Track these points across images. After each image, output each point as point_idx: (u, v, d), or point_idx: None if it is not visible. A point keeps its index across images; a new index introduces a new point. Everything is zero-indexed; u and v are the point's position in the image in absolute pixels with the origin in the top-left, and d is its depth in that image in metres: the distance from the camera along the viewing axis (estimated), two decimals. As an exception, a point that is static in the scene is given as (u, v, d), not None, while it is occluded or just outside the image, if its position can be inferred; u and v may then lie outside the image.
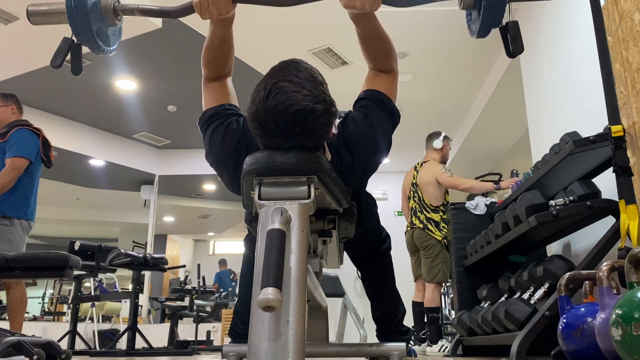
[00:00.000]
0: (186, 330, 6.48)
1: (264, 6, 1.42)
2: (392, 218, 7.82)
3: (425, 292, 4.29)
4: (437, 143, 4.38)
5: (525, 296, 2.70)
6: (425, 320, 4.29)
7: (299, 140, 1.22)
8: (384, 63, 1.53)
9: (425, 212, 4.24)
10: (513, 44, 1.34)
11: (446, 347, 4.07)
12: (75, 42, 1.38)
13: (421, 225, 4.24)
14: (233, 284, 9.18)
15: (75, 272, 4.19)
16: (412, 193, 4.41)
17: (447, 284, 8.06)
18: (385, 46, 1.51)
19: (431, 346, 4.26)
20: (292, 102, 1.18)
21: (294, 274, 1.09)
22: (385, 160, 8.19)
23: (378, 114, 1.43)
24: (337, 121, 1.45)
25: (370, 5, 1.35)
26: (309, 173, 1.22)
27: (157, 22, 4.13)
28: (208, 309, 6.18)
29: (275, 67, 1.28)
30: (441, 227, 4.22)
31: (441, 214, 4.26)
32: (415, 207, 4.34)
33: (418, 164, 4.52)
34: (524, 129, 5.21)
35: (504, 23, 1.34)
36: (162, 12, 1.45)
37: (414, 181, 4.42)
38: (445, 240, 4.19)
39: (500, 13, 1.30)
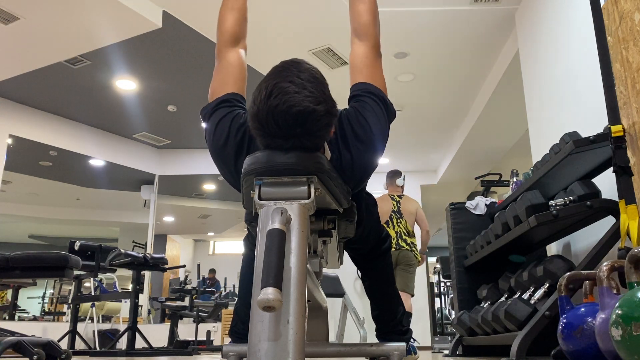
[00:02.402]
0: (186, 330, 6.48)
1: (264, 5, 1.42)
2: (392, 218, 7.82)
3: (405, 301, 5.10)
4: (400, 181, 5.20)
5: (525, 296, 2.70)
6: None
7: (300, 140, 1.22)
8: (365, 14, 1.58)
9: (408, 237, 5.06)
10: None
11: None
12: None
13: (408, 247, 5.03)
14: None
15: (75, 272, 4.19)
16: (395, 220, 5.08)
17: (448, 284, 8.23)
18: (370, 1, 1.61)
19: None
20: (293, 103, 1.18)
21: (294, 274, 1.09)
22: (385, 161, 8.20)
23: (373, 108, 1.43)
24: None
25: None
26: (309, 173, 1.21)
27: (157, 22, 4.13)
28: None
29: (277, 67, 1.28)
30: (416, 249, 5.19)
31: (415, 238, 5.16)
32: (400, 231, 5.07)
33: (395, 195, 5.18)
34: (524, 129, 5.21)
35: None
36: None
37: (395, 209, 5.13)
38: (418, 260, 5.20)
39: None
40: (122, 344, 4.73)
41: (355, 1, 1.62)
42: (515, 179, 3.49)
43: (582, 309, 1.80)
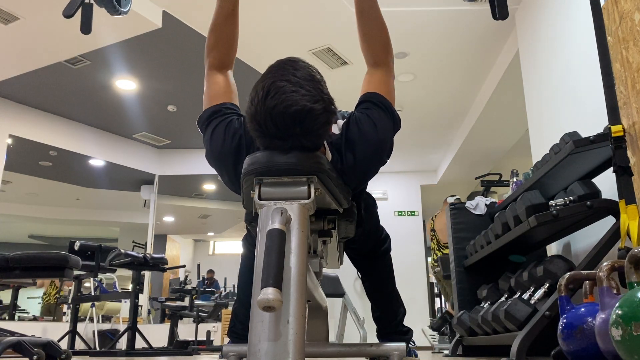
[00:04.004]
0: (186, 330, 6.47)
1: (264, 5, 1.43)
2: (392, 218, 7.82)
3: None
4: (450, 199, 5.74)
5: (525, 296, 2.70)
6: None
7: (299, 140, 1.22)
8: (379, 50, 1.55)
9: (440, 251, 5.65)
10: (499, 9, 1.40)
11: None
12: (87, 1, 1.41)
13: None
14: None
15: (75, 272, 4.19)
16: (431, 237, 5.78)
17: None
18: (381, 29, 1.55)
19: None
20: (291, 103, 1.18)
21: (294, 274, 1.09)
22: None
23: (380, 115, 1.43)
24: (341, 122, 1.45)
25: None
26: (309, 173, 1.21)
27: (157, 22, 4.13)
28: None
29: (273, 66, 1.28)
30: None
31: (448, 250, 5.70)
32: (434, 248, 5.71)
33: (435, 215, 5.85)
34: (524, 129, 5.21)
35: None
36: None
37: (431, 227, 5.78)
38: None
39: None
40: (122, 344, 4.73)
41: (366, 35, 1.56)
42: (515, 179, 3.49)
43: (582, 309, 1.80)
